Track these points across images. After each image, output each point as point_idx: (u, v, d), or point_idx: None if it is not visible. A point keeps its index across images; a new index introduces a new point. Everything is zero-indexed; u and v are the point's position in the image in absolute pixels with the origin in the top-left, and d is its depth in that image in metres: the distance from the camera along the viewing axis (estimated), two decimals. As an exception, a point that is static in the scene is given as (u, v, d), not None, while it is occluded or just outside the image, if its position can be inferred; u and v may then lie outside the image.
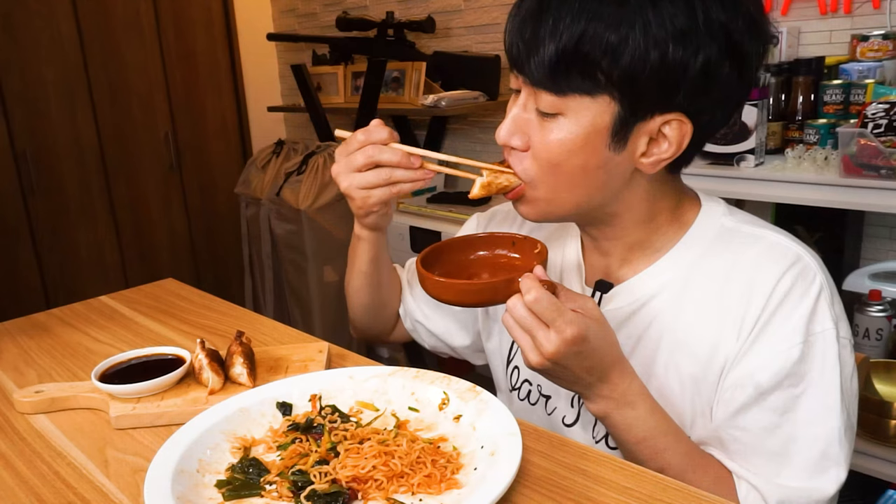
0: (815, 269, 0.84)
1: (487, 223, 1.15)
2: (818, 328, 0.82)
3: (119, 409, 0.88)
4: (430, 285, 0.84)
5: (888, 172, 1.55)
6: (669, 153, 0.81)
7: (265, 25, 3.88)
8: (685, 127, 0.80)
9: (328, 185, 2.85)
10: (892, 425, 1.70)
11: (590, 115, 0.79)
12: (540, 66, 0.78)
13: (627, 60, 0.74)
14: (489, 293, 0.81)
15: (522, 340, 0.79)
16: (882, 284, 1.84)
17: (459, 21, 3.00)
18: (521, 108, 0.84)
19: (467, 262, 0.94)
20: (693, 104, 0.78)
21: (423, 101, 2.70)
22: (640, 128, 0.80)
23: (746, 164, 1.79)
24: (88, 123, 3.31)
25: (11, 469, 0.80)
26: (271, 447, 0.79)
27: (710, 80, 0.77)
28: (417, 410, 0.85)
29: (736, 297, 0.85)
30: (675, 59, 0.74)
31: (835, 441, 0.81)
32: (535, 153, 0.83)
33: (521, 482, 0.72)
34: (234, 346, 0.95)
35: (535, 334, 0.77)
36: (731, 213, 0.92)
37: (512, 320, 0.79)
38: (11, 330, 1.22)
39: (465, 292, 0.83)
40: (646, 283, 0.91)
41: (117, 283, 3.45)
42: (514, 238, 0.93)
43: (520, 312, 0.77)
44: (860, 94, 1.76)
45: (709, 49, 0.75)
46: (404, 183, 0.94)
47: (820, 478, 0.82)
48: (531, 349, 0.78)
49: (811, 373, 0.81)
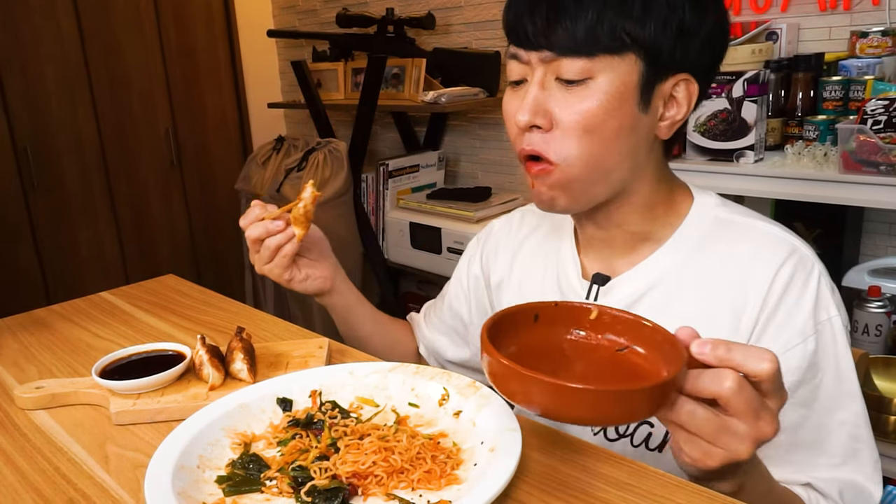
0: (811, 257, 0.86)
1: (485, 241, 1.17)
2: (824, 316, 0.84)
3: (119, 404, 0.89)
4: (539, 392, 0.59)
5: (887, 169, 1.55)
6: (681, 114, 0.86)
7: (265, 22, 3.87)
8: (692, 86, 0.85)
9: (328, 181, 2.85)
10: (892, 421, 1.70)
11: (621, 73, 0.81)
12: (570, 34, 0.79)
13: (651, 25, 0.79)
14: (644, 401, 0.60)
15: (744, 425, 0.62)
16: (881, 280, 1.84)
17: (459, 17, 3.00)
18: (538, 87, 0.83)
19: (526, 350, 0.70)
20: (698, 63, 0.84)
21: (423, 98, 2.70)
22: (659, 89, 0.84)
23: (746, 160, 1.79)
24: (89, 120, 3.31)
25: (12, 465, 0.81)
26: (271, 443, 0.79)
27: (712, 39, 0.84)
28: (417, 406, 0.85)
29: (733, 289, 0.86)
30: (690, 21, 0.81)
31: (861, 424, 0.84)
32: (564, 127, 0.83)
33: (520, 478, 0.72)
34: (234, 342, 0.95)
35: (761, 415, 0.62)
36: (724, 205, 0.93)
37: (729, 415, 0.62)
38: (12, 326, 1.22)
39: (605, 402, 0.59)
40: (643, 275, 0.92)
41: (118, 279, 3.45)
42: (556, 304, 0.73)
43: (748, 394, 0.61)
44: (859, 90, 1.76)
45: (712, 12, 0.83)
46: (284, 245, 1.02)
47: (854, 460, 0.84)
48: (750, 439, 0.63)
49: (825, 360, 0.83)
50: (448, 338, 1.22)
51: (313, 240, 1.11)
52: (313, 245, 1.11)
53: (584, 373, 0.70)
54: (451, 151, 3.21)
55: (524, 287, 1.07)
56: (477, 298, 1.17)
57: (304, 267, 1.10)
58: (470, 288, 1.18)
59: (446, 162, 3.18)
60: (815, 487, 0.84)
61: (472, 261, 1.18)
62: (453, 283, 1.22)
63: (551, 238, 1.05)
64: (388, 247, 3.00)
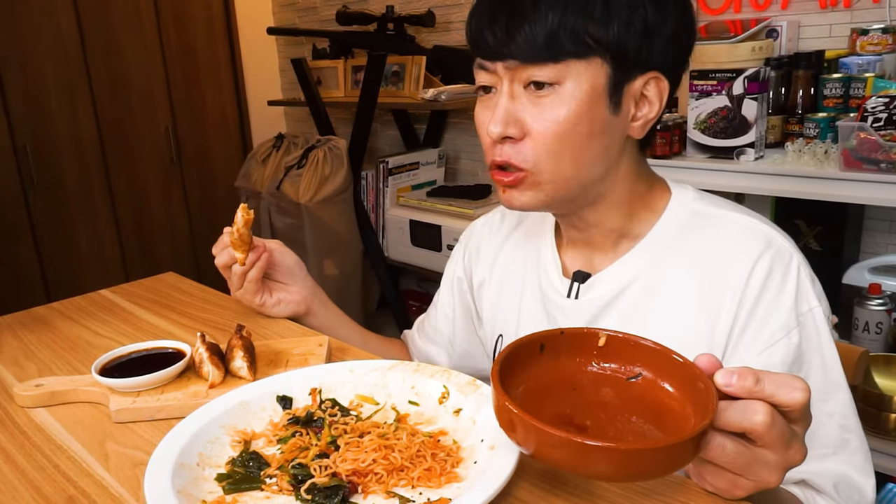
0: (788, 248, 0.86)
1: (467, 242, 1.17)
2: (805, 307, 0.84)
3: (119, 402, 0.88)
4: (572, 455, 0.55)
5: (888, 166, 1.55)
6: (654, 112, 0.86)
7: (265, 19, 3.87)
8: (662, 84, 0.85)
9: (328, 179, 2.85)
10: (892, 419, 1.70)
11: (588, 78, 0.81)
12: (531, 41, 0.79)
13: (615, 26, 0.79)
14: (686, 453, 0.56)
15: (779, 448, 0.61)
16: (882, 278, 1.84)
17: (459, 15, 3.00)
18: (507, 97, 0.84)
19: (536, 389, 0.67)
20: (665, 60, 0.84)
21: (422, 95, 2.69)
22: (628, 90, 0.84)
23: (746, 157, 1.79)
24: (89, 118, 3.31)
25: (11, 463, 0.80)
26: (271, 441, 0.79)
27: (678, 36, 0.84)
28: (417, 404, 0.85)
29: (711, 285, 0.86)
30: (653, 20, 0.81)
31: (849, 413, 0.84)
32: (535, 135, 0.83)
33: (520, 476, 0.72)
34: (234, 340, 0.95)
35: (792, 444, 0.61)
36: (701, 198, 0.94)
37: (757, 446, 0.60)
38: (11, 323, 1.22)
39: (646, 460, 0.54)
40: (622, 270, 0.92)
41: (117, 276, 3.45)
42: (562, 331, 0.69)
43: (780, 426, 0.59)
44: (860, 87, 1.76)
45: (674, 8, 0.83)
46: (248, 268, 1.09)
47: (845, 450, 0.83)
48: (780, 468, 0.62)
49: (809, 352, 0.83)
50: (441, 348, 1.22)
51: (286, 264, 1.14)
52: (286, 269, 1.14)
53: (608, 418, 0.65)
54: (451, 149, 3.21)
55: (504, 287, 1.07)
56: (462, 301, 1.17)
57: (276, 291, 1.14)
58: (454, 291, 1.18)
59: (446, 159, 3.18)
60: (809, 484, 0.83)
61: (456, 264, 1.18)
62: (444, 291, 1.22)
63: (531, 236, 1.05)
64: (388, 244, 3.00)
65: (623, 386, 0.67)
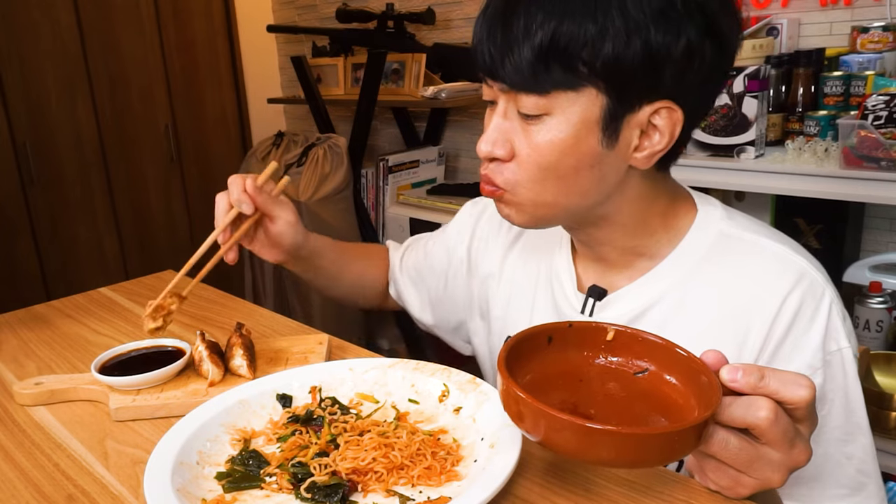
0: (821, 283, 0.81)
1: (476, 224, 1.12)
2: (834, 346, 0.79)
3: (119, 400, 0.88)
4: (567, 437, 0.57)
5: (888, 164, 1.55)
6: (662, 144, 0.78)
7: (265, 17, 3.86)
8: (675, 114, 0.76)
9: (328, 177, 2.85)
10: (893, 417, 1.70)
11: (578, 110, 0.75)
12: (517, 68, 0.74)
13: (610, 49, 0.71)
14: (687, 441, 0.57)
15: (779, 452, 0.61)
16: (882, 276, 1.84)
17: (459, 12, 2.99)
18: (501, 117, 0.80)
19: (542, 379, 0.68)
20: (680, 89, 0.75)
21: (423, 93, 2.69)
22: (630, 120, 0.76)
23: (747, 155, 1.78)
24: (88, 115, 3.30)
25: (11, 461, 0.80)
26: (271, 439, 0.79)
27: (693, 61, 0.74)
28: (417, 402, 0.85)
29: (736, 316, 0.81)
30: (658, 42, 0.71)
31: (869, 459, 0.81)
32: (520, 160, 0.79)
33: (521, 474, 0.72)
34: (233, 338, 0.95)
35: (796, 443, 0.61)
36: (730, 217, 0.87)
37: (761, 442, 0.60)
38: (11, 321, 1.22)
39: (645, 445, 0.56)
40: (643, 291, 0.87)
41: (117, 274, 3.45)
42: (571, 324, 0.70)
43: (784, 423, 0.59)
44: (860, 85, 1.75)
45: (689, 29, 0.72)
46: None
47: (860, 493, 0.80)
48: (784, 467, 0.62)
49: (833, 392, 0.79)
50: (417, 291, 1.18)
51: (272, 234, 1.11)
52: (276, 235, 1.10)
53: (612, 408, 0.66)
54: (452, 147, 3.20)
55: (515, 288, 1.03)
56: (454, 277, 1.13)
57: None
58: (451, 262, 1.14)
59: (446, 157, 3.18)
60: None
61: (461, 240, 1.13)
62: (439, 242, 1.17)
63: (546, 239, 1.01)
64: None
65: (630, 380, 0.68)
